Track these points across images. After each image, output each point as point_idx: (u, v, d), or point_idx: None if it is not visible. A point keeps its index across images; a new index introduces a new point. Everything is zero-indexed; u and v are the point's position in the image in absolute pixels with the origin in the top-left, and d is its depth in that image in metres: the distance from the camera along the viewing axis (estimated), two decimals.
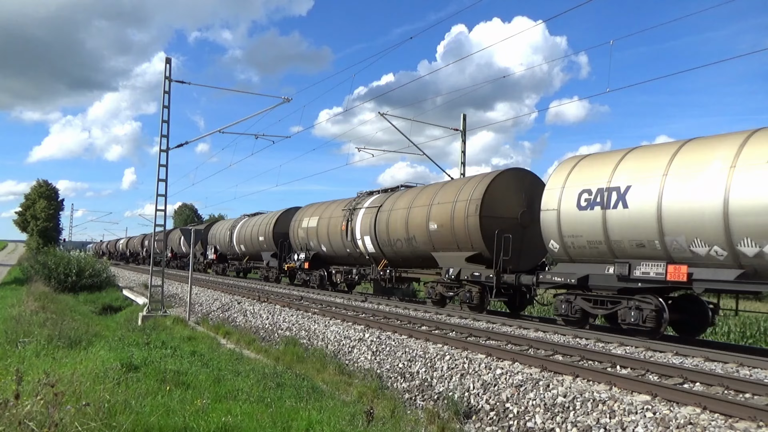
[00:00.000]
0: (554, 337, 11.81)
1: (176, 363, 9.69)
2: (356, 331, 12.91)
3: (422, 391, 9.25)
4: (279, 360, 11.42)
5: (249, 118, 21.30)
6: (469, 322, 14.52)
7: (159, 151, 19.62)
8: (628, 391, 7.33)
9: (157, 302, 19.40)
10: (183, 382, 8.21)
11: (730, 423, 6.04)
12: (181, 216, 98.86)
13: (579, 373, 8.21)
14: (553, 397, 7.46)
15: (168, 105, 19.74)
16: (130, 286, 31.95)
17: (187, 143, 21.53)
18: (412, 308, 17.65)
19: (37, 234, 67.79)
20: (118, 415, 5.76)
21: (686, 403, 6.67)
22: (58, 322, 13.30)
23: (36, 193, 69.36)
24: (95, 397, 6.04)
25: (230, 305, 19.89)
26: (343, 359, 11.65)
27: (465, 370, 9.14)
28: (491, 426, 7.61)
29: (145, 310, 18.59)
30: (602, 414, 6.79)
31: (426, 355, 10.17)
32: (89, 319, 18.02)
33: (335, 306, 17.68)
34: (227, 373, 9.21)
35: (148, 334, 13.21)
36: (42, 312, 15.04)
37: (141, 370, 8.69)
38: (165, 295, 20.84)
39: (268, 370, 9.63)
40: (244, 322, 17.27)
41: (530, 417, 7.39)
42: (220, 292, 23.71)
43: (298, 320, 15.46)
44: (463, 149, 25.48)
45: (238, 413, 6.55)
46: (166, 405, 6.58)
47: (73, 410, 4.99)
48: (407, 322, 14.06)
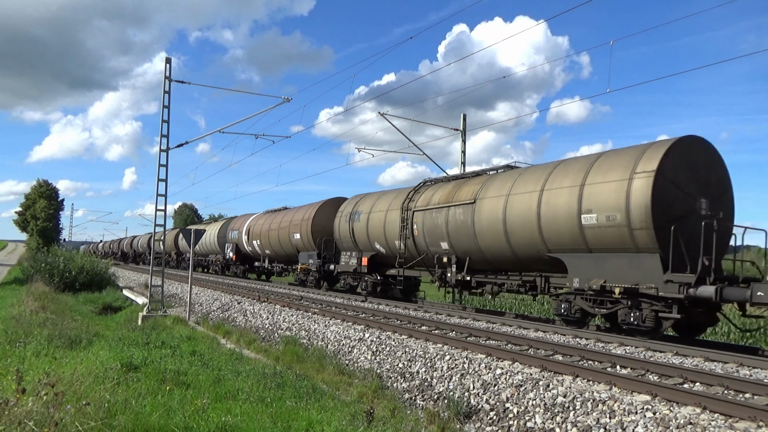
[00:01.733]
0: (554, 337, 11.81)
1: (176, 363, 9.69)
2: (356, 331, 12.91)
3: (422, 391, 9.25)
4: (279, 360, 11.41)
5: (249, 118, 21.31)
6: (469, 322, 14.53)
7: (159, 151, 19.64)
8: (628, 391, 7.33)
9: (157, 302, 19.40)
10: (183, 382, 8.21)
11: (730, 423, 6.04)
12: (181, 216, 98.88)
13: (579, 373, 8.21)
14: (553, 397, 7.46)
15: (168, 105, 19.74)
16: (130, 286, 31.95)
17: (186, 143, 21.54)
18: (412, 308, 17.64)
19: (37, 234, 67.71)
20: (118, 414, 5.76)
21: (686, 403, 6.67)
22: (58, 321, 13.30)
23: (36, 193, 69.31)
24: (95, 396, 6.05)
25: (230, 305, 19.89)
26: (343, 359, 11.65)
27: (465, 370, 9.14)
28: (491, 426, 7.60)
29: (145, 310, 18.58)
30: (602, 414, 6.79)
31: (426, 355, 10.17)
32: (89, 318, 18.01)
33: (335, 306, 17.68)
34: (227, 372, 9.20)
35: (148, 334, 13.21)
36: (42, 312, 15.04)
37: (141, 370, 8.69)
38: (165, 295, 20.84)
39: (268, 370, 9.62)
40: (244, 321, 17.26)
41: (530, 417, 7.39)
42: (220, 292, 23.71)
43: (298, 320, 15.46)
44: (463, 149, 25.47)
45: (238, 413, 6.54)
46: (166, 405, 6.58)
47: (73, 410, 4.99)
48: (407, 322, 14.06)
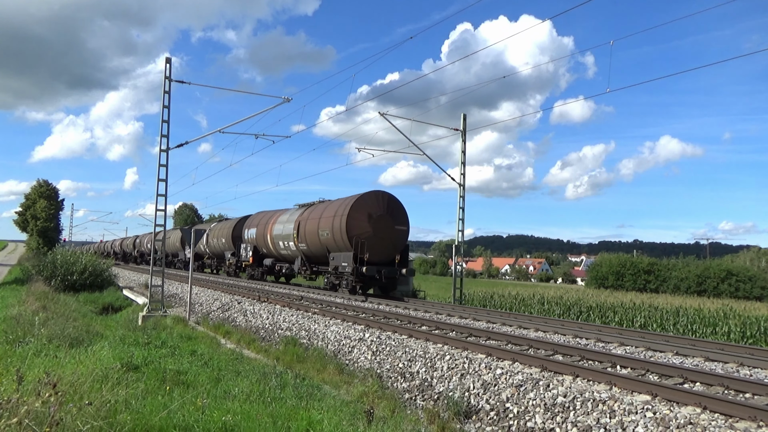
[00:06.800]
0: (554, 337, 11.82)
1: (176, 363, 9.70)
2: (356, 331, 12.91)
3: (422, 391, 9.25)
4: (279, 360, 11.42)
5: (249, 118, 21.25)
6: (470, 322, 14.53)
7: (159, 151, 19.65)
8: (629, 391, 7.33)
9: (158, 302, 19.41)
10: (183, 381, 8.21)
11: (730, 423, 6.04)
12: (182, 216, 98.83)
13: (579, 373, 8.21)
14: (553, 397, 7.46)
15: (168, 105, 19.75)
16: (130, 286, 31.95)
17: (186, 143, 21.53)
18: (412, 308, 17.65)
19: (37, 234, 67.70)
20: (119, 414, 5.76)
21: (686, 403, 6.67)
22: (58, 321, 13.30)
23: (36, 193, 69.27)
24: (96, 396, 6.05)
25: (230, 305, 19.89)
26: (343, 359, 11.66)
27: (465, 370, 9.14)
28: (491, 426, 7.61)
29: (146, 310, 18.59)
30: (602, 414, 6.80)
31: (426, 355, 10.17)
32: (90, 318, 18.00)
33: (335, 306, 17.68)
34: (227, 372, 9.21)
35: (148, 334, 13.22)
36: (43, 312, 15.03)
37: (141, 369, 8.70)
38: (165, 295, 20.84)
39: (268, 369, 9.63)
40: (244, 321, 17.26)
41: (530, 417, 7.39)
42: (220, 292, 23.71)
43: (298, 320, 15.46)
44: (463, 149, 25.46)
45: (238, 413, 6.54)
46: (167, 405, 6.58)
47: (74, 409, 4.99)
48: (407, 322, 14.06)
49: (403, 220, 23.26)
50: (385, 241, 22.36)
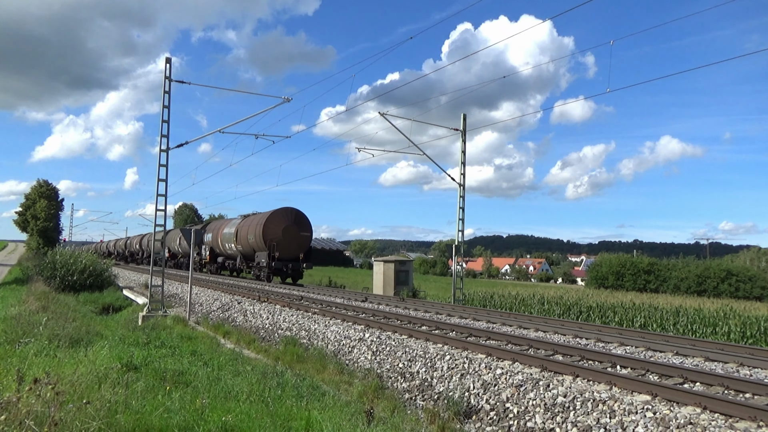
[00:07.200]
0: (554, 337, 11.82)
1: (176, 363, 9.70)
2: (356, 331, 12.91)
3: (422, 391, 9.25)
4: (279, 360, 11.42)
5: (249, 118, 21.26)
6: (470, 322, 14.53)
7: (159, 151, 19.65)
8: (629, 391, 7.33)
9: (158, 302, 19.41)
10: (183, 381, 8.21)
11: (730, 423, 6.04)
12: (181, 216, 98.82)
13: (579, 373, 8.21)
14: (554, 397, 7.46)
15: (168, 105, 19.75)
16: (130, 286, 31.95)
17: (186, 143, 21.53)
18: (412, 308, 17.66)
19: (37, 234, 67.68)
20: (118, 414, 5.76)
21: (686, 403, 6.67)
22: (58, 321, 13.29)
23: (36, 193, 69.26)
24: (96, 396, 6.05)
25: (230, 305, 19.90)
26: (343, 359, 11.66)
27: (465, 370, 9.14)
28: (491, 426, 7.61)
29: (146, 310, 18.59)
30: (602, 414, 6.80)
31: (426, 355, 10.17)
32: (90, 318, 18.00)
33: (335, 306, 17.69)
34: (227, 372, 9.21)
35: (148, 334, 13.22)
36: (43, 312, 15.03)
37: (141, 369, 8.70)
38: (165, 295, 20.84)
39: (268, 369, 9.63)
40: (244, 321, 17.27)
41: (530, 417, 7.39)
42: (220, 292, 23.71)
43: (298, 320, 15.46)
44: (463, 149, 25.46)
45: (238, 413, 6.54)
46: (166, 405, 6.58)
47: (74, 409, 5.00)
48: (407, 322, 14.06)
49: (306, 228, 31.75)
50: (292, 244, 30.83)
